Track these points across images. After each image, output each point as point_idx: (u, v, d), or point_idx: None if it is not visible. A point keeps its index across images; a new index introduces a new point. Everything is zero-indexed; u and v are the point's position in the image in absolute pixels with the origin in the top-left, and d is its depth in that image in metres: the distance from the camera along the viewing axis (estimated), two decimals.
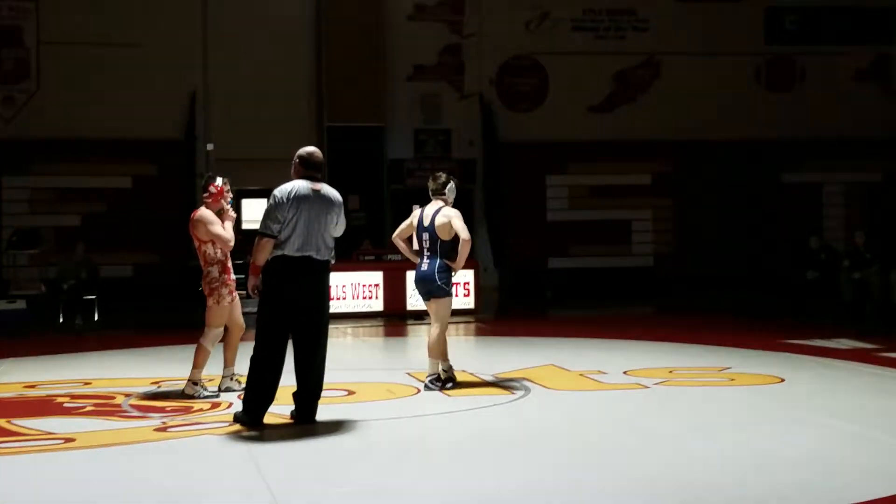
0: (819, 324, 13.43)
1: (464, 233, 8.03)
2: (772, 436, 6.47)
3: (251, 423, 6.66)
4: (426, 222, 8.20)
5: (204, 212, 7.88)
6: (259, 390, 6.70)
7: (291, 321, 6.74)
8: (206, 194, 8.01)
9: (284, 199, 6.69)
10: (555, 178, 20.58)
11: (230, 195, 8.08)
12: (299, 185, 6.77)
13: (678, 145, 20.35)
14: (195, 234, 7.89)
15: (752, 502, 4.95)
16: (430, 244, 8.18)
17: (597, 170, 20.47)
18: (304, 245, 6.68)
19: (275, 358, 6.72)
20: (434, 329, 8.22)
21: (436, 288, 8.12)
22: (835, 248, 16.53)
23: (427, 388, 8.13)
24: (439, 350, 8.22)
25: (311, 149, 7.05)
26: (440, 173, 8.58)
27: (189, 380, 7.87)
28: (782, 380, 8.63)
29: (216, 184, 7.96)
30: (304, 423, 6.76)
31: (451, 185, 8.41)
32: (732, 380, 8.72)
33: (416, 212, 8.37)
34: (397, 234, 8.52)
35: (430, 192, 8.36)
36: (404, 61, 20.15)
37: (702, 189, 20.47)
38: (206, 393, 7.84)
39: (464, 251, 8.06)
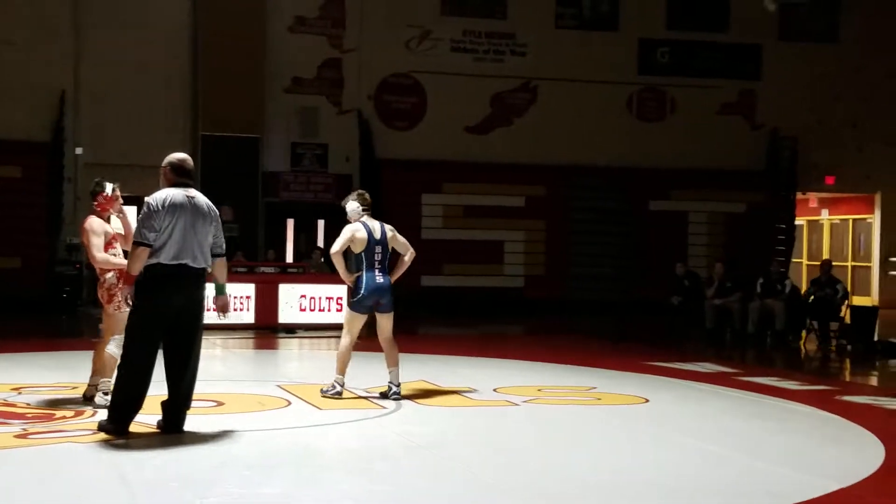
0: (682, 348, 13.88)
1: (411, 248, 8.55)
2: (633, 454, 6.66)
3: (117, 432, 6.53)
4: (377, 236, 8.43)
5: (92, 221, 7.62)
6: (126, 398, 6.59)
7: (164, 329, 6.68)
8: (94, 202, 7.73)
9: (160, 207, 6.60)
10: (430, 196, 20.72)
11: (121, 201, 7.84)
12: (174, 193, 6.69)
13: (552, 169, 20.78)
14: (85, 243, 7.64)
15: None
16: (381, 257, 8.47)
17: (472, 190, 20.72)
18: (180, 253, 6.61)
19: (144, 366, 6.63)
20: (346, 339, 8.42)
21: (390, 301, 8.43)
22: (698, 275, 17.11)
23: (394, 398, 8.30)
24: (345, 361, 8.39)
25: (181, 155, 6.97)
26: (362, 191, 8.87)
27: (98, 388, 7.64)
28: (647, 400, 8.88)
29: (105, 193, 7.70)
30: (171, 433, 6.66)
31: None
32: (599, 399, 8.94)
33: (354, 228, 8.39)
34: (339, 250, 8.36)
35: (362, 209, 8.51)
36: (283, 73, 20.00)
37: (574, 213, 20.95)
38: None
39: (406, 266, 8.51)
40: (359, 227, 8.41)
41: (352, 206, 8.52)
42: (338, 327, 14.77)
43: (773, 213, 21.82)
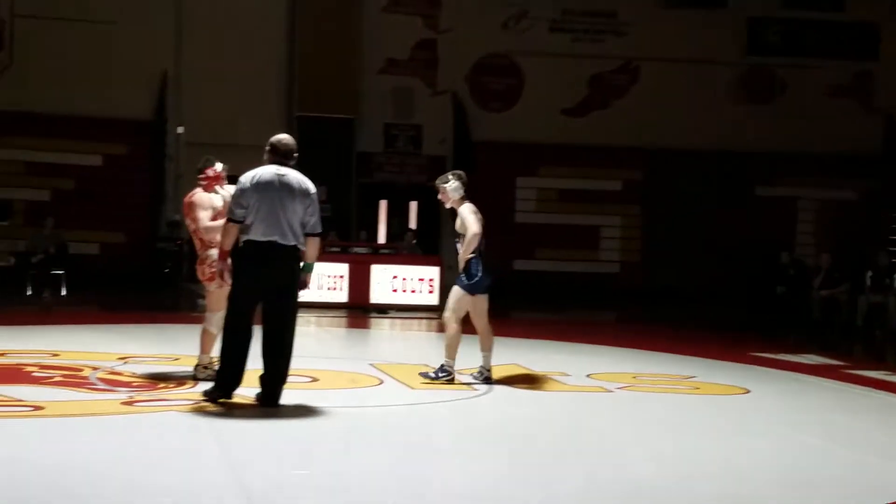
0: (786, 339, 13.48)
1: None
2: (733, 446, 6.45)
3: (218, 400, 6.76)
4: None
5: (200, 196, 7.66)
6: (228, 368, 6.78)
7: (259, 303, 6.82)
8: (201, 177, 7.77)
9: (248, 185, 6.76)
10: (525, 179, 20.56)
11: (226, 181, 7.89)
12: (262, 171, 6.82)
13: (652, 153, 20.37)
14: (191, 217, 7.67)
15: None
16: (483, 239, 8.22)
17: (567, 174, 20.46)
18: (269, 230, 6.70)
19: (242, 337, 6.79)
20: (455, 324, 8.09)
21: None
22: (805, 264, 16.60)
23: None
24: (457, 346, 8.16)
25: (282, 136, 7.09)
26: (460, 171, 8.53)
27: (199, 364, 7.75)
28: (747, 391, 8.63)
29: (216, 168, 7.73)
30: (268, 407, 6.77)
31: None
32: (697, 388, 8.70)
33: (473, 208, 8.20)
34: (480, 231, 8.17)
35: (464, 189, 8.24)
36: (378, 54, 20.02)
37: (673, 198, 20.48)
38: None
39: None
40: (475, 209, 8.19)
41: (453, 185, 8.21)
42: (429, 308, 14.85)
43: (888, 201, 20.94)
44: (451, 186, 8.21)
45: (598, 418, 7.21)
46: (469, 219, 8.08)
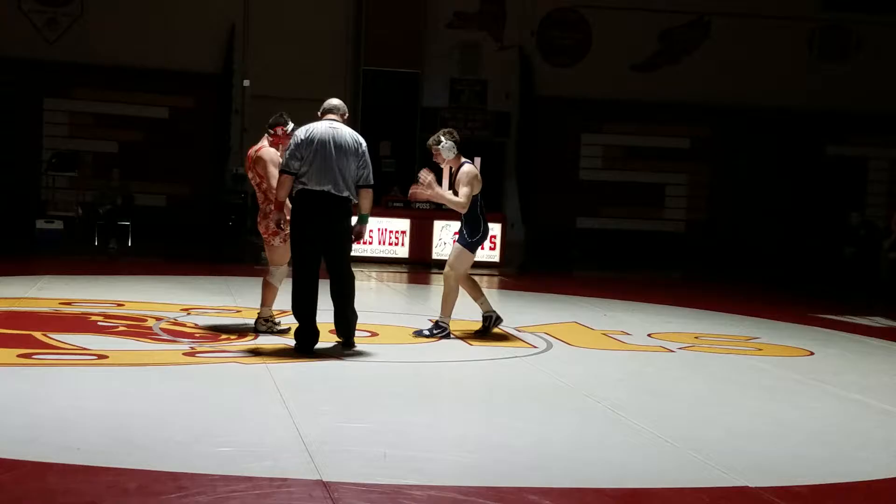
0: (853, 300, 13.22)
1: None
2: (796, 407, 6.37)
3: (298, 351, 7.05)
4: None
5: (270, 150, 7.68)
6: (299, 318, 7.10)
7: (318, 252, 7.09)
8: (271, 131, 7.79)
9: (303, 138, 7.05)
10: (590, 136, 20.30)
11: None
12: (317, 126, 7.14)
13: (721, 110, 19.95)
14: (256, 170, 7.68)
15: (772, 470, 4.84)
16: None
17: (634, 130, 20.17)
18: (322, 180, 6.97)
19: (307, 285, 7.08)
20: (454, 281, 8.13)
21: None
22: (876, 224, 16.21)
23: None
24: (454, 303, 8.23)
25: (333, 99, 7.49)
26: (450, 129, 8.39)
27: (260, 317, 7.84)
28: (811, 353, 8.50)
29: (286, 128, 7.74)
30: (345, 349, 7.15)
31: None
32: (760, 350, 8.59)
33: (472, 169, 8.14)
34: (471, 192, 8.10)
35: (457, 148, 8.17)
36: (445, 8, 19.85)
37: (742, 156, 20.08)
38: (278, 328, 7.80)
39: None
40: (476, 171, 8.10)
41: (447, 144, 8.07)
42: (491, 265, 14.84)
43: None
44: (445, 146, 8.10)
45: (657, 378, 7.15)
46: (462, 190, 7.95)
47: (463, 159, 8.17)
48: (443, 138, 8.11)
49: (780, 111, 19.84)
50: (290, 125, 7.76)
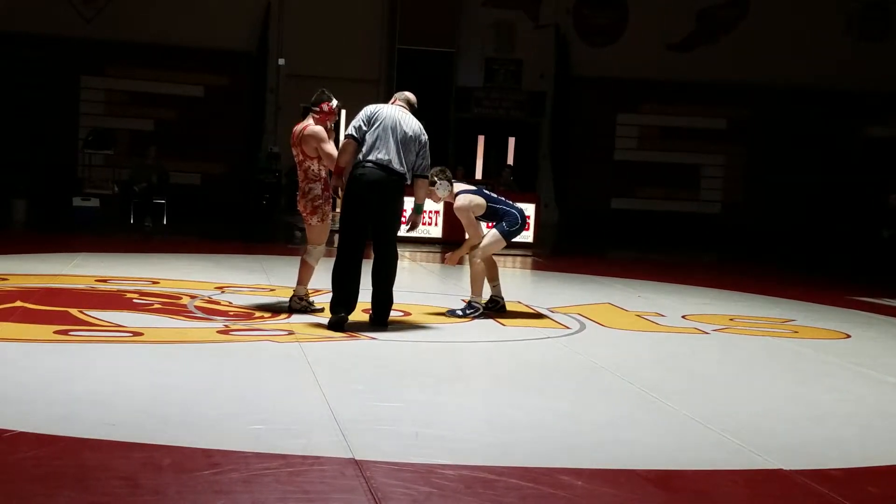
0: (890, 283, 13.05)
1: None
2: (832, 389, 6.30)
3: (332, 326, 7.11)
4: (480, 188, 8.79)
5: (316, 127, 7.66)
6: (339, 289, 7.13)
7: (368, 223, 7.19)
8: (316, 109, 7.78)
9: (373, 110, 7.30)
10: (626, 116, 20.19)
11: (336, 117, 7.97)
12: (387, 105, 7.39)
13: (759, 90, 19.75)
14: (302, 149, 7.66)
15: (806, 453, 4.80)
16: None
17: (671, 110, 20.01)
18: (382, 151, 7.10)
19: (352, 254, 7.18)
20: (482, 264, 8.37)
21: None
22: None
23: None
24: (483, 283, 8.42)
25: (404, 92, 7.70)
26: (440, 167, 8.32)
27: (295, 295, 7.87)
28: (848, 336, 8.42)
29: (331, 104, 7.76)
30: (378, 328, 7.23)
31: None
32: (796, 332, 8.51)
33: (468, 199, 8.33)
34: (478, 234, 8.51)
35: (450, 184, 8.32)
36: None
37: (780, 137, 19.87)
38: (312, 308, 7.83)
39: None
40: (471, 197, 8.26)
41: (443, 185, 8.18)
42: (524, 245, 14.79)
43: None
44: (439, 187, 8.20)
45: (691, 360, 7.11)
46: (470, 232, 8.37)
47: (456, 190, 8.29)
48: (436, 179, 8.14)
49: (818, 92, 19.61)
50: (335, 101, 7.78)
